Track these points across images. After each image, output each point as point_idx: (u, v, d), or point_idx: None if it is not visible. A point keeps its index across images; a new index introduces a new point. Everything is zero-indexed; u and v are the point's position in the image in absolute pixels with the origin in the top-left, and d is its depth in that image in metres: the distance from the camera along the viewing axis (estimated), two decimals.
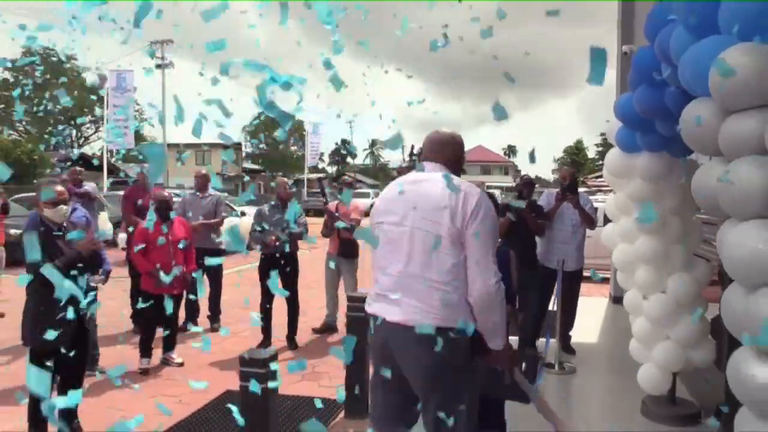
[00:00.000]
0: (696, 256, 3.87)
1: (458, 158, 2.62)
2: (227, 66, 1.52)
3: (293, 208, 5.17)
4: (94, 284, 4.24)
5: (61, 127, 42.85)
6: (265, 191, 39.57)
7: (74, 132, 44.77)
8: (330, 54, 1.75)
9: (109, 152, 26.41)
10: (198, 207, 6.82)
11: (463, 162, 2.67)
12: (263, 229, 6.11)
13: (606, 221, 4.63)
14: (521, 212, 5.27)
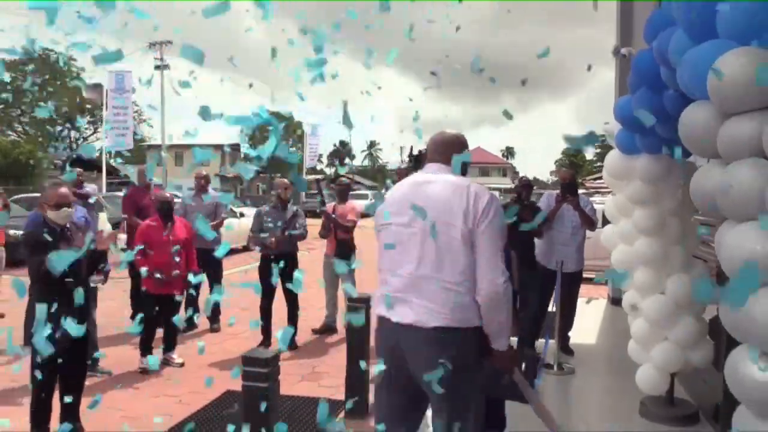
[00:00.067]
0: (695, 258, 3.90)
1: None
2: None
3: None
4: (94, 284, 4.25)
5: (59, 128, 42.82)
6: (264, 192, 39.56)
7: (72, 133, 44.70)
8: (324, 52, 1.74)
9: (108, 153, 26.36)
10: (198, 208, 6.82)
11: (469, 163, 2.63)
12: (263, 230, 6.12)
13: (605, 223, 4.65)
14: (519, 214, 5.28)
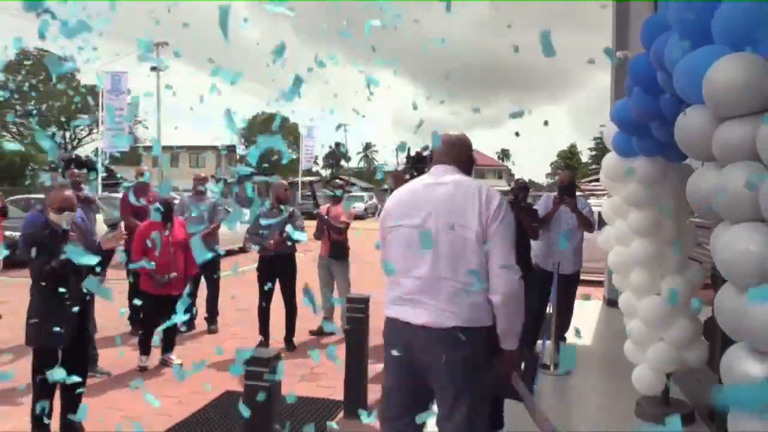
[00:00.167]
0: (690, 260, 3.94)
1: (469, 159, 2.63)
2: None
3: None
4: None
5: (55, 129, 42.67)
6: (260, 194, 39.39)
7: (68, 134, 44.58)
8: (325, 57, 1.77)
9: (104, 154, 26.31)
10: (196, 209, 6.84)
11: (474, 163, 2.67)
12: (260, 232, 6.13)
13: (601, 225, 4.70)
14: (516, 216, 5.33)
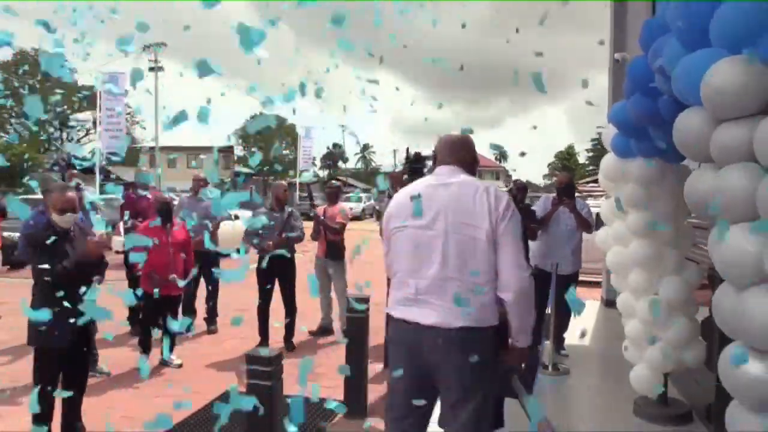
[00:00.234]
0: (687, 260, 3.97)
1: (473, 159, 2.64)
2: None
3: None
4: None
5: (51, 130, 42.58)
6: (259, 194, 39.41)
7: (64, 135, 44.47)
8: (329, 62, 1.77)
9: (102, 155, 26.26)
10: (195, 210, 6.86)
11: (478, 163, 2.68)
12: (260, 233, 6.15)
13: (599, 226, 4.72)
14: None
